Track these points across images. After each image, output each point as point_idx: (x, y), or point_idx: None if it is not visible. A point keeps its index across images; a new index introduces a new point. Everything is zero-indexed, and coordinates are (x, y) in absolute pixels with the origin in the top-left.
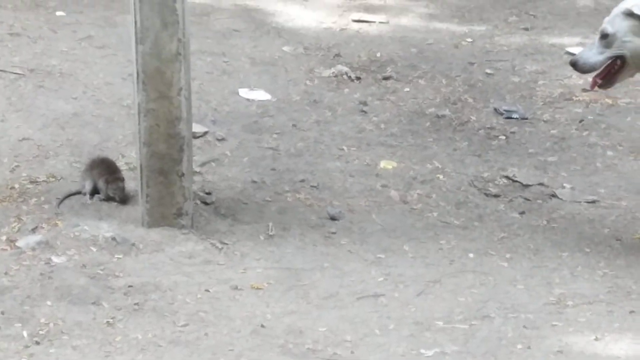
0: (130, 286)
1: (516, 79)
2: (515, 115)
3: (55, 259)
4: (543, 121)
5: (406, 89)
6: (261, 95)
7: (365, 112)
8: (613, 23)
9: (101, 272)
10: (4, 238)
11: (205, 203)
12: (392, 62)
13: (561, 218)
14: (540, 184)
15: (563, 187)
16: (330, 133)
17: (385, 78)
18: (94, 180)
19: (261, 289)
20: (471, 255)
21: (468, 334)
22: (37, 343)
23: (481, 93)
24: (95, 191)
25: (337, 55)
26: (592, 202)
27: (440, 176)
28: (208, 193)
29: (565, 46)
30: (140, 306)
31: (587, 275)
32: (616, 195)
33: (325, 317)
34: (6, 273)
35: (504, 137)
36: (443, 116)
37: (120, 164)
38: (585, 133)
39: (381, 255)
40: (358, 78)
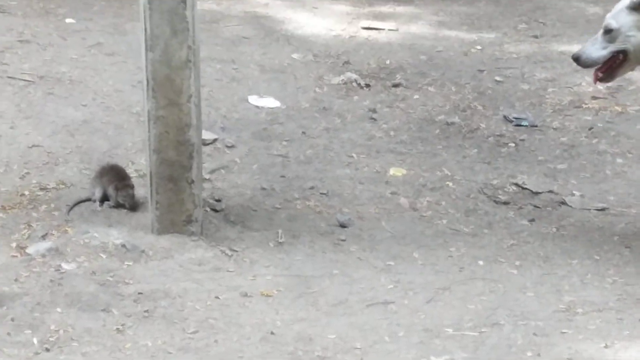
0: (140, 293)
1: (526, 87)
2: (524, 122)
3: (65, 266)
4: (552, 129)
5: (415, 97)
6: (270, 102)
7: (374, 120)
8: (617, 18)
9: (111, 279)
10: (14, 245)
11: (214, 210)
12: (402, 70)
13: (571, 225)
14: (549, 192)
15: (573, 195)
16: (339, 140)
17: (394, 85)
18: (104, 187)
19: (271, 296)
20: (481, 262)
21: (478, 341)
22: (47, 350)
23: (491, 100)
24: (105, 198)
25: (347, 62)
26: (602, 210)
27: (449, 183)
28: (218, 200)
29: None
30: (150, 313)
31: (597, 282)
32: (626, 202)
33: (334, 324)
34: (16, 280)
35: (514, 145)
36: (452, 123)
37: (129, 171)
38: (594, 140)
39: (391, 262)
40: (367, 85)
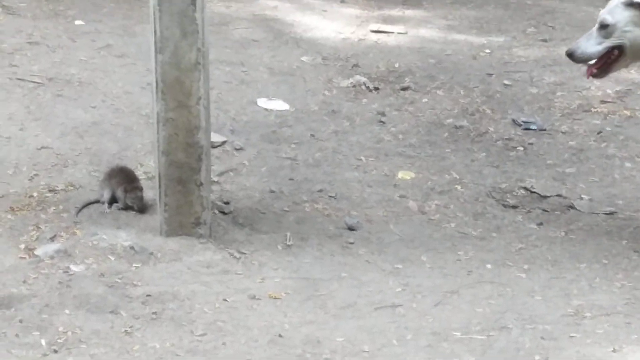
0: (148, 295)
1: (534, 90)
2: (533, 126)
3: (73, 268)
4: (561, 132)
5: (424, 100)
6: (279, 105)
7: (383, 123)
8: (613, 13)
9: (119, 281)
10: (23, 246)
11: (223, 212)
12: (411, 73)
13: (579, 229)
14: (558, 195)
15: (581, 199)
16: (348, 143)
17: (403, 88)
18: (113, 189)
19: (279, 299)
20: (489, 266)
21: (486, 345)
22: (55, 351)
23: (499, 104)
24: (113, 200)
25: (356, 65)
26: (610, 214)
27: (458, 187)
28: (226, 202)
29: None
30: (158, 315)
31: (605, 286)
32: (634, 206)
33: (342, 327)
34: (25, 281)
35: (522, 148)
36: (461, 127)
37: (138, 173)
38: (603, 145)
39: (399, 265)
40: (376, 88)
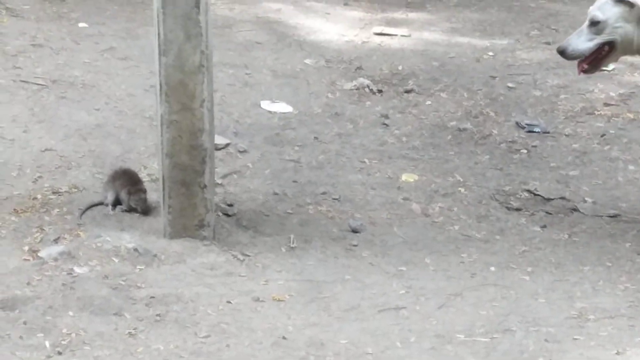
0: (152, 297)
1: (538, 93)
2: (536, 129)
3: (77, 270)
4: (565, 135)
5: (428, 102)
6: (283, 107)
7: (386, 125)
8: (603, 10)
9: (123, 283)
10: (27, 248)
11: (227, 215)
12: (414, 76)
13: (583, 232)
14: (561, 198)
15: (585, 201)
16: (351, 146)
17: (407, 91)
18: (117, 191)
19: (282, 301)
20: (492, 268)
21: (489, 348)
22: (59, 353)
23: (503, 107)
24: (117, 202)
25: (359, 68)
26: (614, 217)
27: (461, 189)
28: (230, 205)
29: None
30: (162, 317)
31: (609, 289)
32: (638, 209)
33: (346, 330)
34: (28, 283)
35: (526, 151)
36: (464, 129)
37: (142, 175)
38: (606, 147)
39: (402, 268)
40: (380, 91)
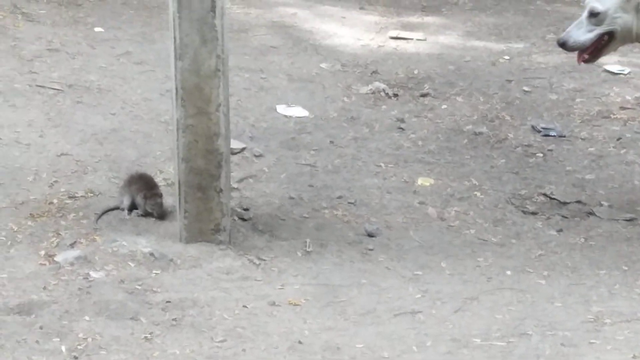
0: (168, 302)
1: (554, 97)
2: (552, 132)
3: (93, 274)
4: (581, 139)
5: (443, 106)
6: (299, 111)
7: (402, 129)
8: (602, 1)
9: (139, 288)
10: (43, 253)
11: (242, 219)
12: (430, 79)
13: (599, 236)
14: (577, 202)
15: (601, 205)
16: (367, 150)
17: (422, 95)
18: (132, 195)
19: (299, 305)
20: (509, 272)
21: (505, 352)
22: (75, 358)
23: (518, 110)
24: (133, 207)
25: (375, 72)
26: (630, 220)
27: (477, 193)
28: (246, 209)
29: (603, 64)
30: (178, 322)
31: (625, 293)
32: None
33: (362, 334)
34: (45, 288)
35: (542, 155)
36: (480, 133)
37: (158, 180)
38: (623, 151)
39: (418, 272)
40: (395, 95)
